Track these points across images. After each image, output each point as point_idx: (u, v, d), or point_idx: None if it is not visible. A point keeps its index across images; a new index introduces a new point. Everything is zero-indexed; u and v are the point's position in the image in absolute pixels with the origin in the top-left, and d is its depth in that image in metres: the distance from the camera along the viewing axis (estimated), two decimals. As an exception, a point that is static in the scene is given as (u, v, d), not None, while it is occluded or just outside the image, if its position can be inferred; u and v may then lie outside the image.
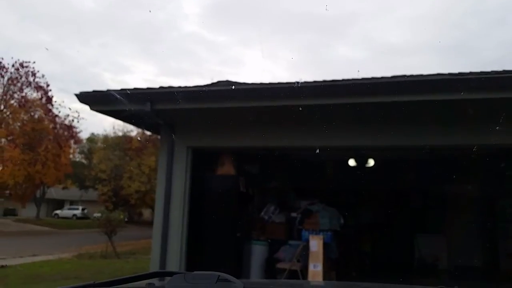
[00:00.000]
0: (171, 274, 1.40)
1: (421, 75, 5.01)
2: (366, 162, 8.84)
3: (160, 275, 1.51)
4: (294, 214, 7.78)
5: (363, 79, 5.23)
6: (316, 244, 6.50)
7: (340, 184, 9.07)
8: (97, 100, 5.95)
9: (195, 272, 1.37)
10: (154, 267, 6.25)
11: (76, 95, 5.96)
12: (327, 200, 7.82)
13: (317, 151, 5.81)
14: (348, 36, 74.99)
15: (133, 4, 76.03)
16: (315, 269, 6.33)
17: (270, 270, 7.13)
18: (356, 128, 5.89)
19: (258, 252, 7.37)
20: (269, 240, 7.64)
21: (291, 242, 7.33)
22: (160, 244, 6.26)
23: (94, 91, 5.97)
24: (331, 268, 7.15)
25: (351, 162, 8.83)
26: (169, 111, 5.96)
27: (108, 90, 5.96)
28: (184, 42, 70.55)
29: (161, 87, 6.13)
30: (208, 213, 6.93)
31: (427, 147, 5.72)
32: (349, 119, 5.85)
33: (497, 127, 4.81)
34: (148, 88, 6.04)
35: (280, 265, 6.91)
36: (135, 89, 6.06)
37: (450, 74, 4.92)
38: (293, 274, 6.77)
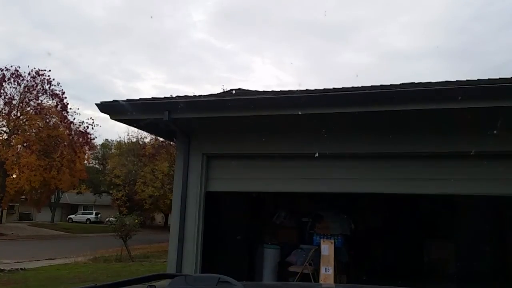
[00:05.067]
0: (172, 276, 1.43)
1: (415, 84, 5.25)
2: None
3: (162, 277, 1.52)
4: (305, 219, 7.99)
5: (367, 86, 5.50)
6: (327, 248, 6.69)
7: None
8: (117, 110, 6.18)
9: (196, 274, 1.47)
10: (171, 270, 6.45)
11: (97, 105, 6.22)
12: (338, 205, 7.99)
13: (316, 155, 6.03)
14: (354, 42, 75.28)
15: (143, 13, 77.26)
16: (327, 272, 6.52)
17: (283, 273, 7.34)
18: (354, 136, 6.10)
19: (270, 255, 7.58)
20: (281, 244, 7.86)
21: (302, 246, 7.53)
22: (177, 247, 6.45)
23: (114, 101, 6.23)
24: (342, 271, 7.33)
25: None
26: (186, 120, 6.18)
27: (127, 100, 6.23)
28: (192, 49, 71.65)
29: (178, 97, 6.40)
30: (222, 218, 7.17)
31: (424, 154, 5.89)
32: (348, 127, 6.07)
33: (495, 131, 5.00)
34: (165, 98, 6.30)
35: (292, 269, 7.11)
36: (153, 98, 6.33)
37: (446, 82, 5.13)
38: (305, 277, 6.97)
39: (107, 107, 6.21)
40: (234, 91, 7.66)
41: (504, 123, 5.00)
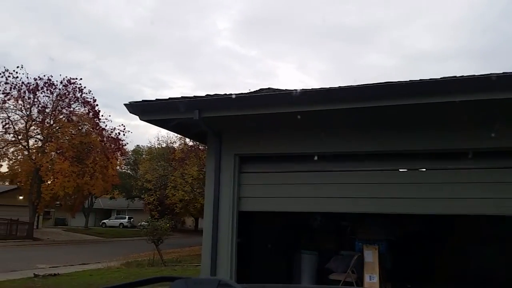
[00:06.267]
0: (172, 279, 1.42)
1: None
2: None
3: (162, 280, 1.53)
4: (344, 223, 7.49)
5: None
6: (371, 254, 6.20)
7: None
8: (146, 110, 5.98)
9: (196, 277, 1.43)
10: (205, 272, 6.18)
11: (126, 105, 6.00)
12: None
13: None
14: (378, 44, 73.93)
15: (169, 23, 78.57)
16: (371, 280, 6.03)
17: (322, 281, 6.87)
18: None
19: (308, 262, 7.14)
20: (319, 250, 7.38)
21: (343, 252, 7.02)
22: (210, 252, 6.15)
23: (143, 101, 6.01)
24: (386, 279, 6.79)
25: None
26: (217, 119, 5.90)
27: (157, 99, 5.98)
28: (217, 57, 72.36)
29: (208, 95, 6.10)
30: (256, 222, 6.80)
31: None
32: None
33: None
34: (195, 96, 6.01)
35: (333, 276, 6.62)
36: (183, 97, 6.05)
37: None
38: (347, 286, 6.47)
39: (137, 107, 6.00)
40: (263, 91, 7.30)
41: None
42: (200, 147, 28.11)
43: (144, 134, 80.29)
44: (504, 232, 8.97)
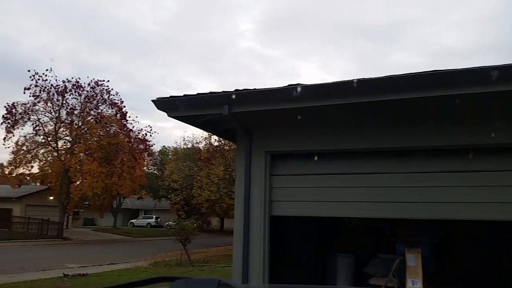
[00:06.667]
0: (172, 279, 1.43)
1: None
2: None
3: (162, 280, 1.52)
4: (383, 225, 7.06)
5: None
6: (413, 258, 5.77)
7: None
8: (174, 106, 5.73)
9: (196, 277, 1.44)
10: (237, 277, 5.90)
11: (154, 101, 5.80)
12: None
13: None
14: (403, 42, 72.24)
15: (193, 25, 79.16)
16: (414, 285, 5.60)
17: (359, 285, 6.48)
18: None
19: (344, 265, 6.75)
20: (355, 253, 6.97)
21: (382, 255, 6.59)
22: (242, 253, 5.87)
23: (171, 97, 5.77)
24: (429, 284, 6.33)
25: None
26: (247, 114, 5.60)
27: (185, 95, 5.75)
28: (240, 58, 72.38)
29: (236, 90, 5.82)
30: (289, 223, 6.48)
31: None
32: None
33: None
34: (224, 91, 5.75)
35: (373, 281, 6.21)
36: (211, 92, 5.79)
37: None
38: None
39: (164, 104, 5.76)
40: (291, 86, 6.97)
41: None
42: (225, 147, 27.95)
43: (170, 136, 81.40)
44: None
